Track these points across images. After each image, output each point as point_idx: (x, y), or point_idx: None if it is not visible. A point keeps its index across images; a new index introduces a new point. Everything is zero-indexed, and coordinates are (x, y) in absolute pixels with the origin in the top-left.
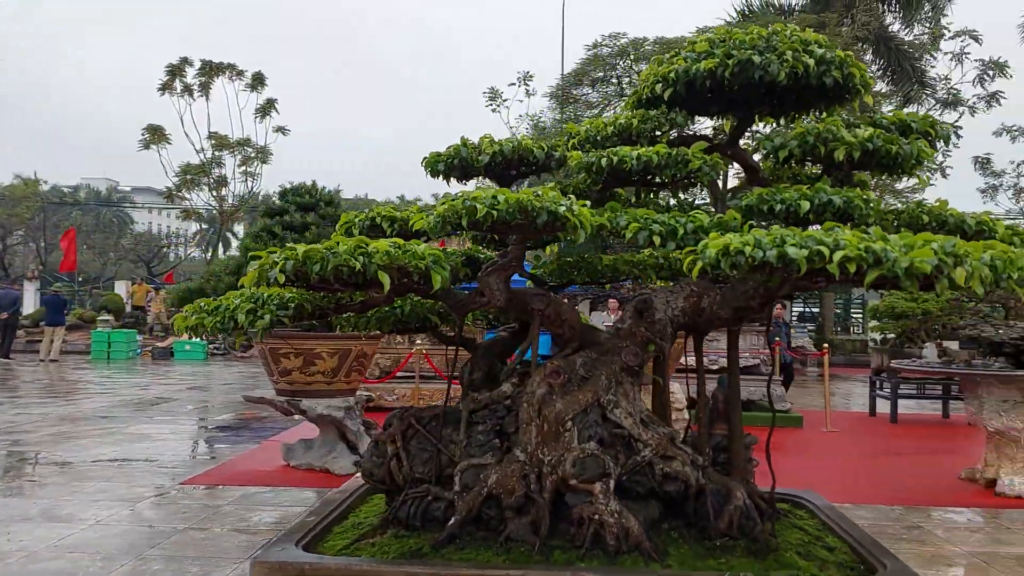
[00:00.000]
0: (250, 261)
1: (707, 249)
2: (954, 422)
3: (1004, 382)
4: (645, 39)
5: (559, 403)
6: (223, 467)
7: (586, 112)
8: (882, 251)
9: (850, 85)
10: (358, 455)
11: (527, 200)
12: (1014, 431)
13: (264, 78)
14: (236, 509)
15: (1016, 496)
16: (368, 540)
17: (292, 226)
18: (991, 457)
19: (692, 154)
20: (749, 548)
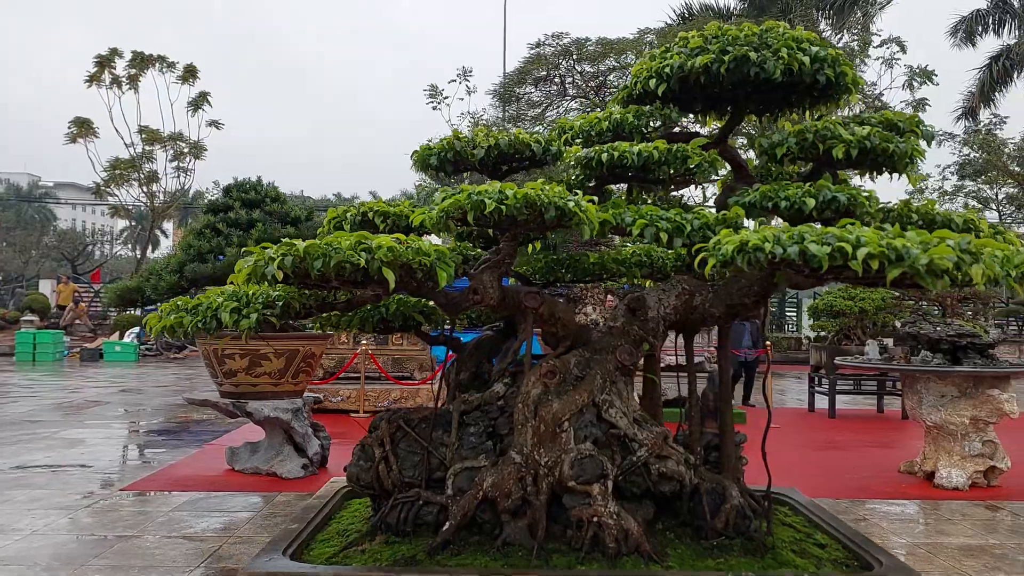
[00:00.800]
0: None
1: (722, 245)
2: (888, 417)
3: (941, 377)
4: (588, 39)
5: (556, 403)
6: (164, 472)
7: (529, 111)
8: (904, 248)
9: (841, 83)
10: (306, 458)
11: (535, 195)
12: (951, 425)
13: (196, 71)
14: (181, 515)
15: (954, 488)
16: (357, 548)
17: (237, 223)
18: (929, 450)
19: (691, 151)
20: (746, 547)
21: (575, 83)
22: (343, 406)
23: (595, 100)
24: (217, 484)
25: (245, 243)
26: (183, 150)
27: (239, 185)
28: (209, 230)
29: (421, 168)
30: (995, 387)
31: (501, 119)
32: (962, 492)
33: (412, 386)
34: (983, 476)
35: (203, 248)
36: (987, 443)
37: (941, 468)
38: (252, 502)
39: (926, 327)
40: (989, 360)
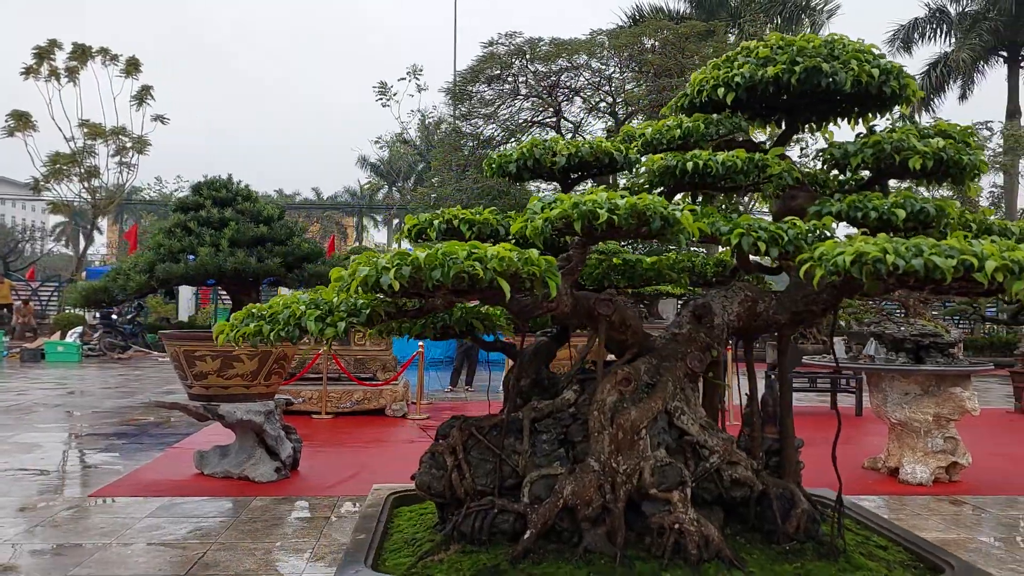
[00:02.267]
0: (352, 267)
1: (837, 256)
2: (842, 413)
3: (905, 376)
4: (541, 39)
5: (633, 411)
6: (131, 477)
7: (481, 109)
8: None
9: (903, 94)
10: (279, 461)
11: (643, 205)
12: (915, 422)
13: (139, 63)
14: (158, 521)
15: (918, 483)
16: (433, 558)
17: (209, 221)
18: (893, 447)
19: (771, 159)
20: (818, 551)
21: (528, 83)
22: (304, 407)
23: (548, 100)
24: (188, 489)
25: (218, 242)
26: (126, 145)
27: (209, 183)
28: (180, 229)
29: (498, 175)
30: (957, 385)
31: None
32: (926, 487)
33: (375, 387)
34: (945, 472)
35: (174, 247)
36: (949, 439)
37: (905, 464)
38: (228, 507)
39: (890, 327)
40: (950, 359)
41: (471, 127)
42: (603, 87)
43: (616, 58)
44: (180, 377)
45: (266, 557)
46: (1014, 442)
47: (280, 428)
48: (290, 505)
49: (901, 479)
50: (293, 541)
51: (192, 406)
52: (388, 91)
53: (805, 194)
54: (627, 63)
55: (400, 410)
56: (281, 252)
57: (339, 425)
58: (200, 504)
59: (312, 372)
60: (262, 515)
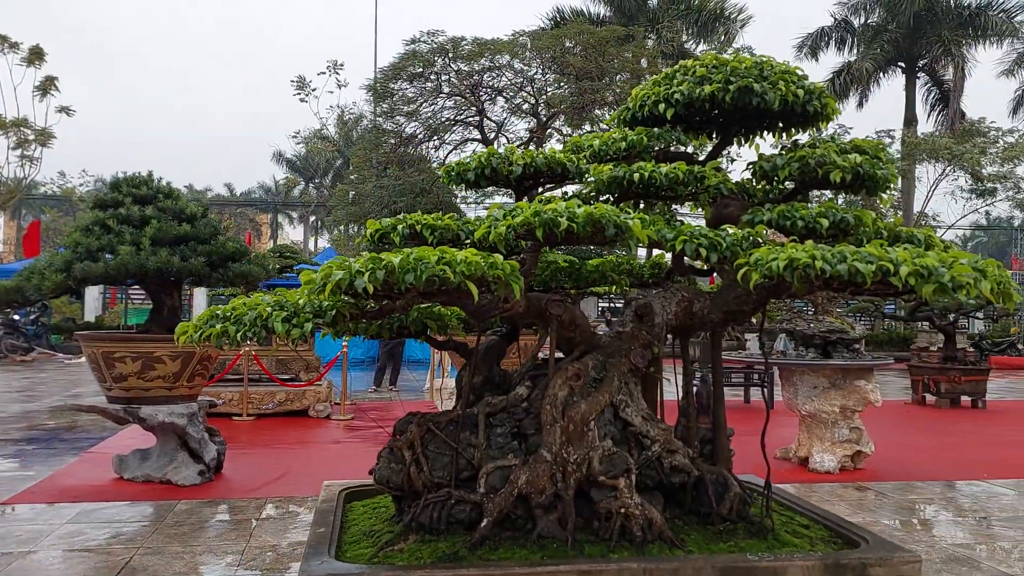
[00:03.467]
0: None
1: (771, 261)
2: (755, 407)
3: (814, 370)
4: (463, 38)
5: (583, 404)
6: (47, 483)
7: (404, 107)
8: (934, 267)
9: (824, 112)
10: (203, 464)
11: (599, 214)
12: (823, 414)
13: (43, 53)
14: (78, 527)
15: (826, 471)
16: (393, 547)
17: (129, 219)
18: (803, 437)
19: (708, 172)
20: (749, 530)
21: (450, 81)
22: (225, 409)
23: (471, 99)
24: (108, 494)
25: (139, 241)
26: (28, 137)
27: (128, 180)
28: (98, 227)
29: (456, 182)
30: (861, 378)
31: (374, 114)
32: (833, 475)
33: (298, 387)
34: (851, 460)
35: (92, 245)
36: (854, 429)
37: (814, 453)
38: (152, 511)
39: (801, 324)
40: (855, 354)
41: (393, 125)
42: (525, 88)
43: (538, 59)
44: (98, 379)
45: (194, 560)
46: (912, 431)
47: (204, 430)
48: (216, 508)
49: (811, 467)
50: (221, 543)
51: (111, 409)
52: (307, 86)
53: (737, 203)
54: (549, 64)
55: (324, 411)
56: (205, 251)
57: (262, 427)
58: (122, 509)
59: (233, 373)
60: (188, 518)
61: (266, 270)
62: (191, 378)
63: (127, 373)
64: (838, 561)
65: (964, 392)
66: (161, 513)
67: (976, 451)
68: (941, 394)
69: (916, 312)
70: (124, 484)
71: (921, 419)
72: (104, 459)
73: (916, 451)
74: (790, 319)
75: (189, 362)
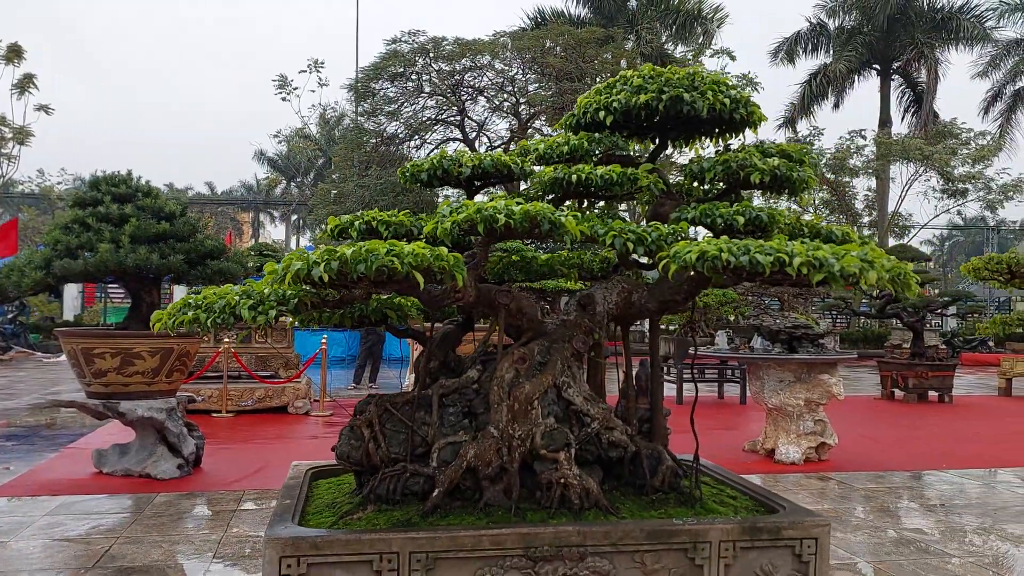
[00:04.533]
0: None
1: (686, 254)
2: (728, 403)
3: (780, 364)
4: (444, 38)
5: (527, 385)
6: (26, 477)
7: (385, 107)
8: (825, 258)
9: (750, 120)
10: (182, 458)
11: (535, 211)
12: (789, 407)
13: (22, 50)
14: (58, 519)
15: (791, 463)
16: (352, 516)
17: (108, 217)
18: (770, 430)
19: (641, 174)
20: (679, 500)
21: (431, 81)
22: (204, 406)
23: (452, 99)
24: (88, 487)
25: (118, 239)
26: (5, 135)
27: (107, 178)
28: (78, 225)
29: (411, 182)
30: (825, 372)
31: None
32: (798, 466)
33: (277, 384)
34: (815, 451)
35: (72, 243)
36: (818, 422)
37: (780, 445)
38: (131, 503)
39: (767, 320)
40: (820, 348)
41: (374, 124)
42: (506, 88)
43: (519, 60)
44: (78, 375)
45: (173, 549)
46: (876, 424)
47: (182, 425)
48: (195, 500)
49: (776, 459)
50: (200, 533)
51: (90, 404)
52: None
53: (671, 201)
54: (530, 65)
55: (303, 407)
56: (184, 249)
57: (241, 423)
58: (101, 501)
59: (212, 370)
60: (167, 510)
61: (244, 268)
62: (170, 374)
63: (106, 369)
64: (755, 524)
65: (931, 387)
66: (140, 505)
67: (939, 443)
68: (909, 389)
69: (885, 309)
70: (103, 478)
71: (888, 413)
72: (83, 454)
73: (881, 443)
74: (757, 315)
75: (168, 358)
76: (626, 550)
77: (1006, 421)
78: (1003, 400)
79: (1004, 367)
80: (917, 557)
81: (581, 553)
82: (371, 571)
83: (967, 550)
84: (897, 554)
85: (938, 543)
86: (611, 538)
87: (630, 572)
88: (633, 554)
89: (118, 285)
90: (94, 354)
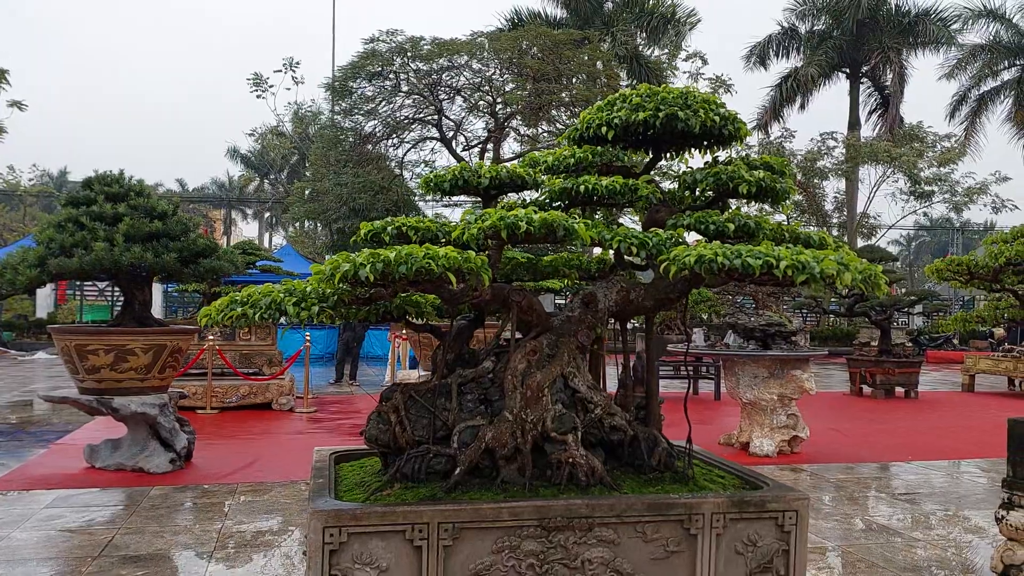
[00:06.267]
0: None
1: (685, 257)
2: (703, 399)
3: (755, 361)
4: (422, 38)
5: (539, 374)
6: (20, 472)
7: (363, 106)
8: (807, 262)
9: (737, 135)
10: (174, 452)
11: (552, 219)
12: (762, 401)
13: None
14: (58, 511)
15: (765, 455)
16: (383, 492)
17: (102, 216)
18: (744, 424)
19: (641, 184)
20: (674, 478)
21: (409, 80)
22: (188, 403)
23: (429, 98)
24: (82, 481)
25: (112, 237)
26: None
27: (100, 178)
28: (71, 224)
29: (433, 191)
30: (798, 368)
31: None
32: (772, 458)
33: (261, 381)
34: (788, 444)
35: (66, 242)
36: (791, 416)
37: (754, 439)
38: (127, 496)
39: (742, 317)
40: (793, 345)
41: (352, 123)
42: (483, 87)
43: (496, 60)
44: (71, 371)
45: (174, 539)
46: (846, 419)
47: (174, 420)
48: (190, 492)
49: (751, 452)
50: (199, 523)
51: (83, 400)
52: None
53: (666, 209)
54: (506, 65)
55: (287, 404)
56: (176, 247)
57: (226, 419)
58: (97, 495)
59: (196, 367)
60: (163, 502)
61: (235, 265)
62: (162, 370)
63: (100, 365)
64: (743, 499)
65: (898, 383)
66: (136, 498)
67: (904, 436)
68: (876, 385)
69: (854, 308)
70: (96, 472)
71: (857, 408)
72: (73, 450)
73: (850, 437)
74: (733, 313)
75: (161, 354)
76: (629, 521)
77: (969, 415)
78: (966, 395)
79: (967, 364)
80: (884, 541)
81: (589, 524)
82: (404, 539)
83: (932, 535)
84: (866, 539)
85: (904, 529)
86: (616, 510)
87: (632, 541)
88: (635, 525)
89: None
90: (88, 350)
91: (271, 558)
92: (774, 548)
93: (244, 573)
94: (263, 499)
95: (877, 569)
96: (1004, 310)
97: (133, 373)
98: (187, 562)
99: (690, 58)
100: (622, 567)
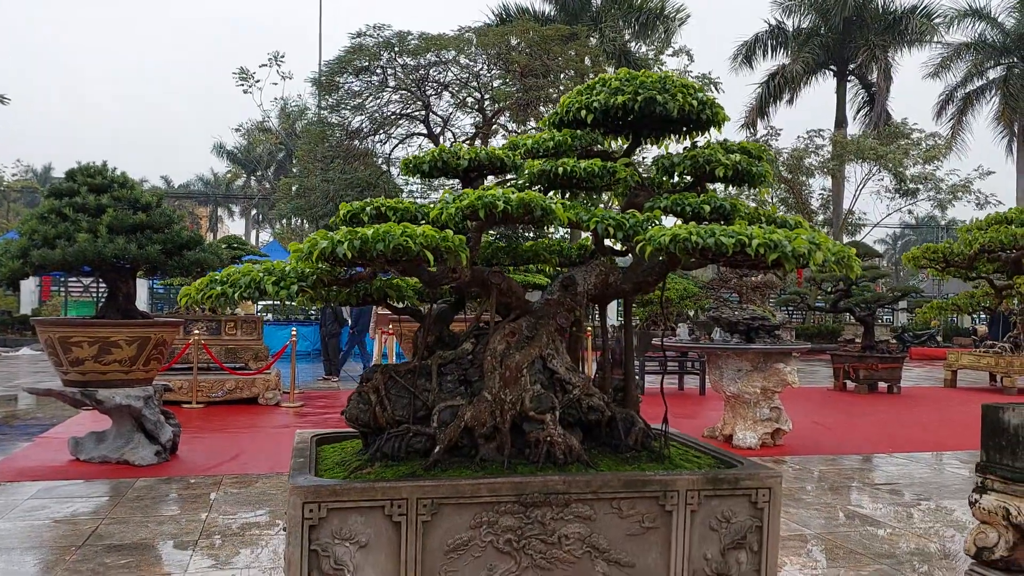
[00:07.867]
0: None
1: (660, 237)
2: (688, 394)
3: (739, 354)
4: (410, 33)
5: (517, 355)
6: (4, 464)
7: (350, 101)
8: (779, 240)
9: (716, 120)
10: (159, 445)
11: (529, 199)
12: (746, 394)
13: None
14: (43, 502)
15: (748, 447)
16: (363, 471)
17: (85, 208)
18: (728, 416)
19: (619, 167)
20: (650, 457)
21: (396, 75)
22: (174, 397)
23: (416, 93)
24: (67, 473)
25: (96, 229)
26: None
27: (83, 169)
28: (54, 215)
29: (412, 173)
30: (781, 361)
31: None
32: (755, 450)
33: (247, 376)
34: (771, 437)
35: (49, 233)
36: (774, 409)
37: (738, 431)
38: (112, 488)
39: (726, 311)
40: (776, 339)
41: (339, 118)
42: (471, 83)
43: (484, 56)
44: (55, 364)
45: (159, 529)
46: (828, 412)
47: (159, 412)
48: (175, 484)
49: (734, 444)
50: (184, 514)
51: (67, 392)
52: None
53: (645, 192)
54: (494, 61)
55: (273, 398)
56: (160, 239)
57: (212, 414)
58: (82, 486)
59: (182, 362)
60: (148, 493)
61: (220, 258)
62: (147, 362)
63: (84, 357)
64: (717, 476)
65: (881, 378)
66: (121, 489)
67: (886, 430)
68: (860, 380)
69: (838, 304)
70: (81, 465)
71: (840, 403)
72: (57, 443)
73: (833, 430)
74: (717, 307)
75: (145, 347)
76: (605, 497)
77: (950, 410)
78: (948, 391)
79: (950, 359)
80: (864, 530)
81: (566, 500)
82: (383, 515)
83: (911, 524)
84: (846, 527)
85: (884, 518)
86: (592, 487)
87: (608, 517)
88: (611, 501)
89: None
90: (71, 342)
91: (256, 548)
92: (748, 525)
93: (228, 562)
94: (248, 490)
95: (855, 556)
96: (979, 299)
97: (117, 365)
98: (171, 551)
99: (676, 54)
100: (598, 542)
